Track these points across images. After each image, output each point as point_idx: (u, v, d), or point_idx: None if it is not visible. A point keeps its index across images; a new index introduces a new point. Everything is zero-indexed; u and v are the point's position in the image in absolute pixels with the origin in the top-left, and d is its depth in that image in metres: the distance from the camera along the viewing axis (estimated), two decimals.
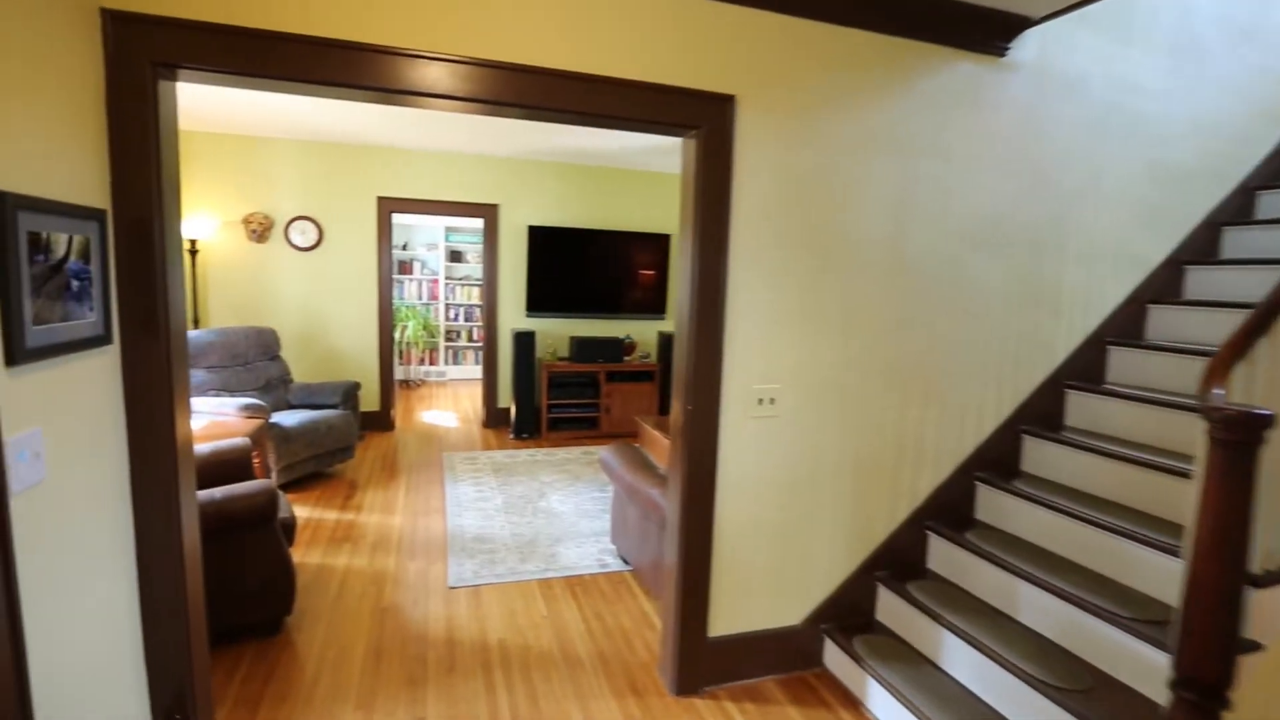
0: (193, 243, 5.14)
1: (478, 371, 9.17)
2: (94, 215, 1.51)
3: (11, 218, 1.19)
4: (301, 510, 3.98)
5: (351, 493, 4.33)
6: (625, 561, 3.39)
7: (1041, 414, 2.79)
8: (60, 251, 1.36)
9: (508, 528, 3.80)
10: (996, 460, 2.73)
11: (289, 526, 2.66)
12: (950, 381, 2.62)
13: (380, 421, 5.94)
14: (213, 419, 4.00)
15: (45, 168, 1.34)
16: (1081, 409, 2.77)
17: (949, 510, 2.67)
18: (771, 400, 2.32)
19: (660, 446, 4.27)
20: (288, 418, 4.30)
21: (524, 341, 5.78)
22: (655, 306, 6.57)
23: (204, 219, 5.22)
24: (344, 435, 4.54)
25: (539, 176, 6.11)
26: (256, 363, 4.71)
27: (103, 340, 1.55)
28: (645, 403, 6.17)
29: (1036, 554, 2.31)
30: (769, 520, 2.41)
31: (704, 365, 2.13)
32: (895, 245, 2.45)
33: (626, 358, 6.24)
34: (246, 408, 3.93)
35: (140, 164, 1.63)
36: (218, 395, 4.29)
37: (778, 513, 2.42)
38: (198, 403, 4.07)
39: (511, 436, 5.90)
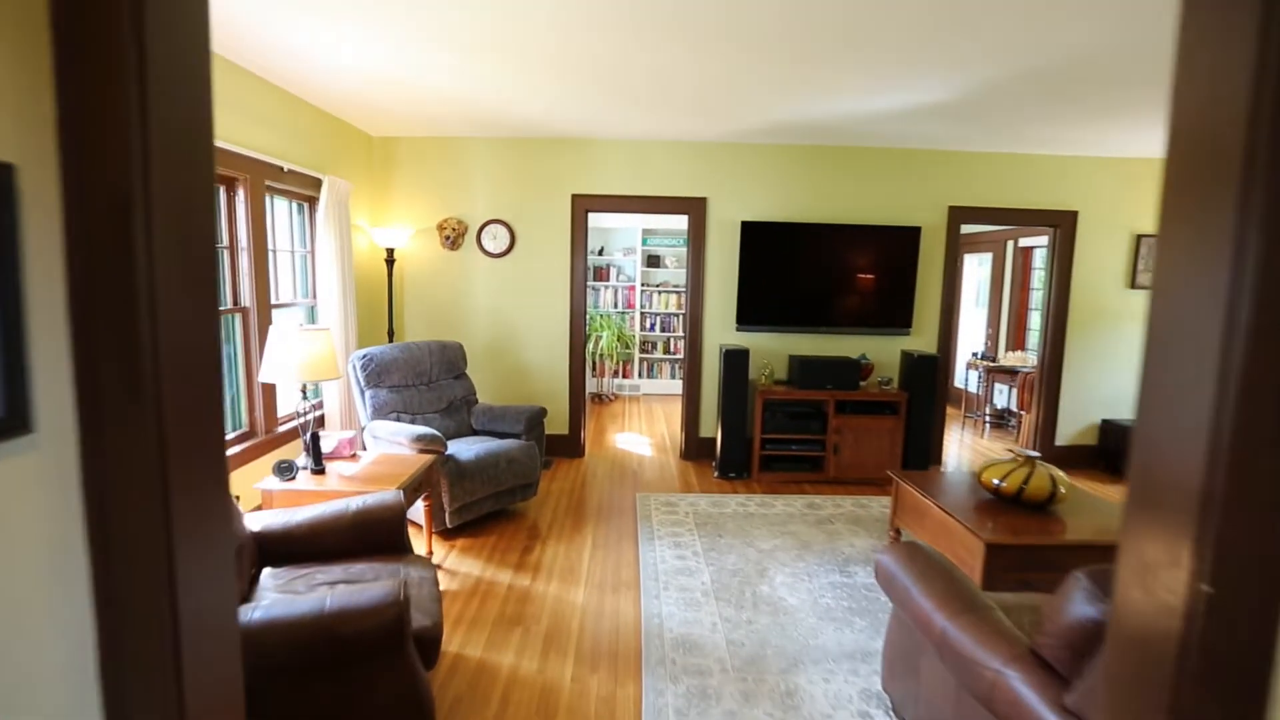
0: (389, 252, 4.88)
1: (674, 386, 8.36)
2: None
3: None
4: (473, 564, 3.33)
5: (531, 543, 3.62)
6: None
7: None
8: None
9: (721, 628, 2.77)
10: None
11: (429, 641, 1.87)
12: None
13: (569, 447, 5.30)
14: (386, 449, 3.50)
15: None
16: None
17: None
18: None
19: (946, 536, 2.95)
20: (465, 448, 3.71)
21: (735, 361, 4.75)
22: (898, 318, 5.16)
23: (400, 227, 4.94)
24: (526, 470, 3.87)
25: (754, 162, 5.04)
26: (440, 381, 4.24)
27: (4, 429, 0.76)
28: (885, 443, 4.80)
29: None
30: None
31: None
32: None
33: (862, 383, 4.93)
34: (420, 438, 3.37)
35: (110, 92, 0.83)
36: (397, 419, 3.84)
37: None
38: (376, 427, 3.61)
39: (716, 475, 4.90)
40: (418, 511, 3.46)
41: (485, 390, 5.19)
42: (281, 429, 3.72)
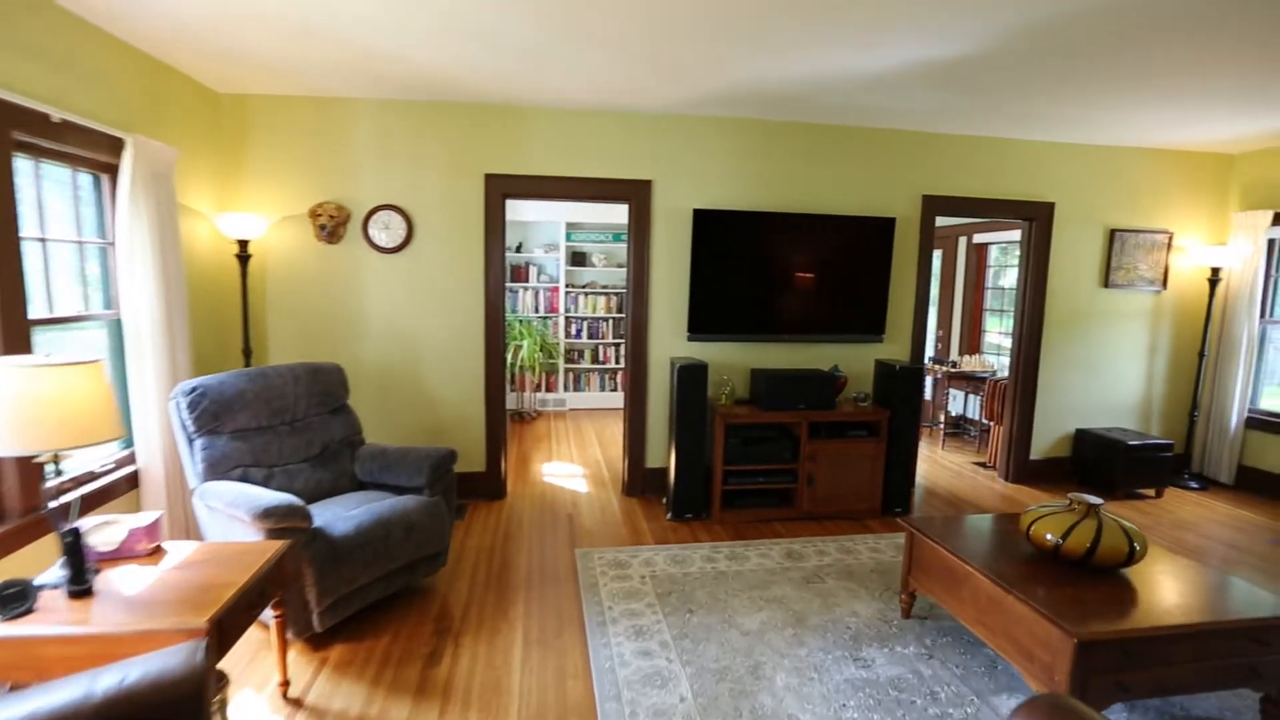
0: (241, 245, 3.71)
1: (605, 400, 7.47)
2: None
3: None
4: (354, 690, 2.31)
5: (438, 644, 2.62)
6: None
7: None
8: None
9: None
10: None
11: None
12: None
13: (487, 486, 4.29)
14: (223, 528, 2.42)
15: None
16: None
17: None
18: None
19: (997, 615, 2.21)
20: (343, 515, 2.66)
21: (691, 378, 3.92)
22: (871, 323, 4.50)
23: (256, 214, 3.77)
24: (431, 537, 2.87)
25: (709, 139, 4.23)
26: (311, 418, 3.15)
27: None
28: (864, 471, 4.12)
29: None
30: None
31: None
32: None
33: (837, 400, 4.23)
34: (268, 513, 2.31)
35: None
36: (244, 476, 2.74)
37: None
38: (211, 492, 2.51)
39: (669, 516, 4.05)
40: (267, 616, 2.40)
41: (376, 426, 4.10)
42: (67, 498, 2.53)
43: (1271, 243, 4.86)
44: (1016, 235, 6.10)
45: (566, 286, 7.32)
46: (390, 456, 3.12)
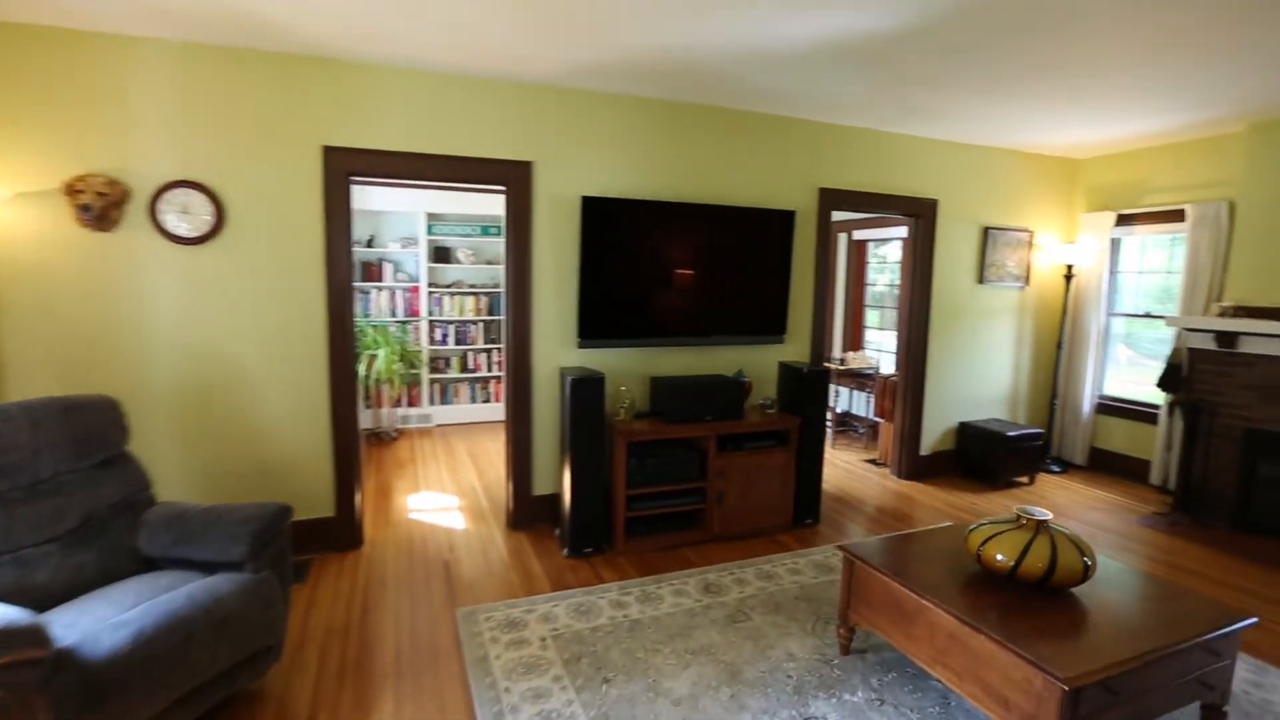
0: None
1: (477, 412, 6.72)
2: None
3: None
4: None
5: None
6: None
7: None
8: None
9: None
10: None
11: None
12: None
13: (338, 535, 3.49)
14: None
15: None
16: None
17: None
18: None
19: (965, 658, 1.89)
20: (115, 617, 1.83)
21: (586, 393, 3.39)
22: (773, 323, 4.23)
23: None
24: (254, 632, 2.10)
25: (601, 117, 3.72)
26: (64, 477, 2.23)
27: None
28: (775, 483, 3.82)
29: None
30: None
31: None
32: None
33: (745, 403, 3.89)
34: None
35: None
36: None
37: None
38: None
39: (566, 553, 3.49)
40: None
41: (176, 476, 3.16)
42: None
43: (1115, 242, 5.23)
44: (895, 232, 6.20)
45: (429, 286, 6.47)
46: (192, 521, 2.28)
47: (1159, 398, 4.83)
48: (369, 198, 6.00)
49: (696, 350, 4.13)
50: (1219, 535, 4.03)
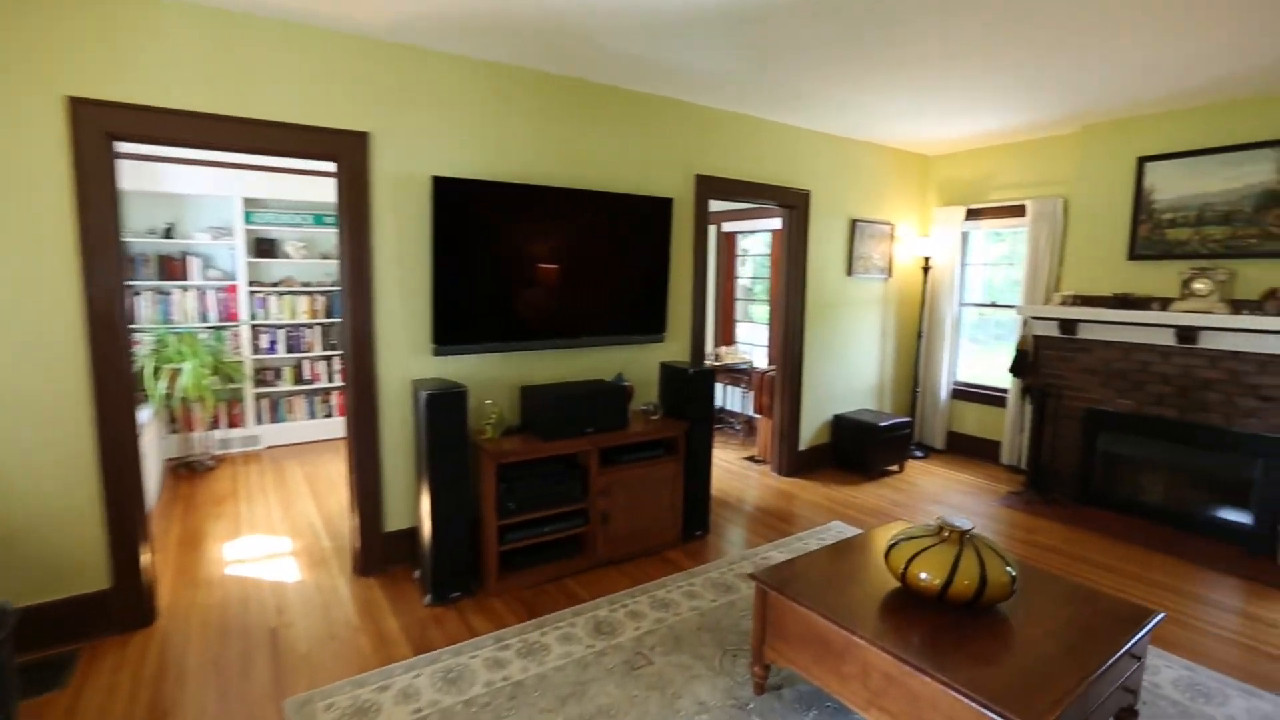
0: None
1: (316, 430, 5.82)
2: None
3: None
4: None
5: None
6: None
7: None
8: None
9: None
10: None
11: None
12: None
13: (116, 613, 2.66)
14: None
15: None
16: None
17: None
18: None
19: (905, 702, 1.67)
20: None
21: (446, 409, 2.85)
22: (651, 321, 3.91)
23: None
24: None
25: (454, 83, 3.16)
26: None
27: None
28: (664, 496, 3.50)
29: None
30: None
31: None
32: None
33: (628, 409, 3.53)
34: None
35: None
36: None
37: None
38: None
39: (428, 600, 2.93)
40: None
41: None
42: None
43: (965, 235, 5.50)
44: (763, 224, 6.14)
45: (250, 285, 5.47)
46: None
47: (1007, 382, 5.13)
48: (166, 177, 4.93)
49: (571, 353, 3.70)
50: (1066, 511, 4.30)
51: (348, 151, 2.93)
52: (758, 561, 3.40)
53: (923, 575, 1.99)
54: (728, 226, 6.53)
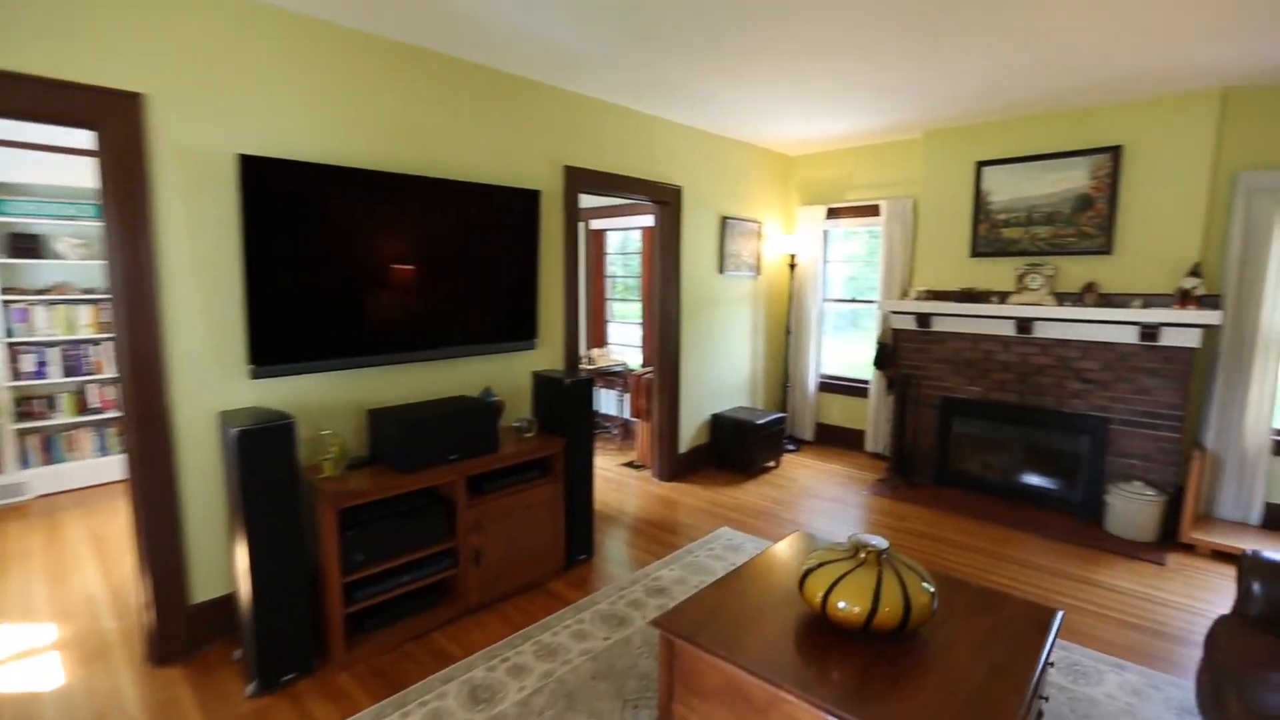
0: None
1: (101, 471, 4.76)
2: None
3: None
4: None
5: None
6: None
7: None
8: None
9: None
10: None
11: None
12: None
13: None
14: None
15: None
16: None
17: None
18: None
19: None
20: None
21: (261, 447, 2.27)
22: (520, 326, 3.51)
23: None
24: None
25: (275, 43, 2.54)
26: None
27: None
28: (543, 522, 3.13)
29: None
30: None
31: None
32: None
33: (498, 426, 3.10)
34: None
35: None
36: None
37: None
38: None
39: (254, 690, 2.33)
40: None
41: None
42: None
43: (826, 233, 5.62)
44: (633, 221, 5.92)
45: (5, 293, 4.32)
46: None
47: (869, 374, 5.31)
48: None
49: (430, 367, 3.21)
50: (927, 492, 4.50)
51: (111, 118, 2.24)
52: (648, 584, 3.13)
53: (842, 605, 1.81)
54: (595, 224, 6.24)
